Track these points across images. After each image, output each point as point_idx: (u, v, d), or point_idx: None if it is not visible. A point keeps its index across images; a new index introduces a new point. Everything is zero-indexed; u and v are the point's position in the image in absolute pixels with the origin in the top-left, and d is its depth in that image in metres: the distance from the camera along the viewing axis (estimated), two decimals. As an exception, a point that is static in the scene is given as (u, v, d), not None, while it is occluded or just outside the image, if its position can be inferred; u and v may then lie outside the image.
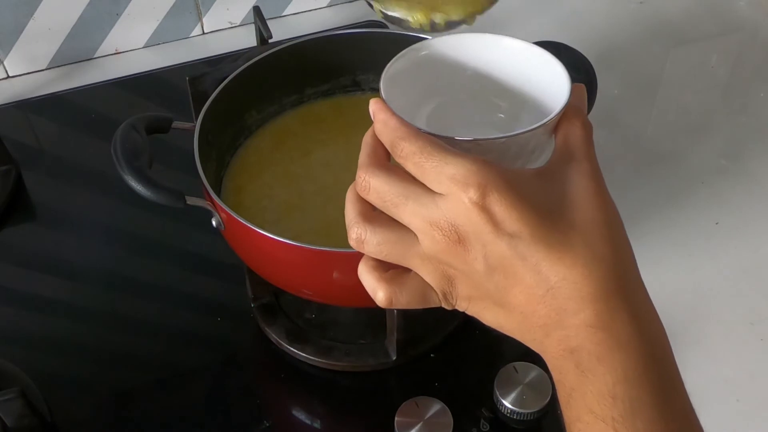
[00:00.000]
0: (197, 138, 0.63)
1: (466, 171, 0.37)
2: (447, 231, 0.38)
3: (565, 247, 0.37)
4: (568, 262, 0.37)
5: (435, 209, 0.38)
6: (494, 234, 0.37)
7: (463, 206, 0.37)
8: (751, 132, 0.90)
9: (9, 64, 0.95)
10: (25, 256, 0.78)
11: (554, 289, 0.38)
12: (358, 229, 0.41)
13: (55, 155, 0.88)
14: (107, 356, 0.70)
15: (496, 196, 0.37)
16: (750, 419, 0.66)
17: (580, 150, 0.41)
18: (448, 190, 0.37)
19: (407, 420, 0.61)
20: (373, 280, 0.41)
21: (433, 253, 0.39)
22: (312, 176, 0.71)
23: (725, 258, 0.77)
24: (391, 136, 0.40)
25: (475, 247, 0.38)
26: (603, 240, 0.38)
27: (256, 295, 0.70)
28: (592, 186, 0.39)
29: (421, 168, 0.38)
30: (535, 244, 0.37)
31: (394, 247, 0.40)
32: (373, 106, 0.41)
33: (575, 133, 0.41)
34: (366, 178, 0.40)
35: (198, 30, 1.01)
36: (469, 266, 0.38)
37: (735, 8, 1.06)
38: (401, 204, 0.39)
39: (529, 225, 0.37)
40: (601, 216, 0.39)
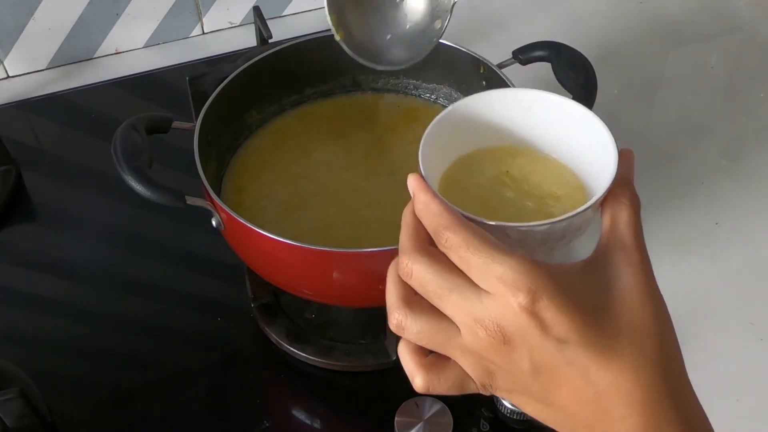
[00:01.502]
0: (197, 138, 0.63)
1: (514, 273, 0.36)
2: (492, 330, 0.37)
3: (614, 352, 0.37)
4: (616, 368, 0.37)
5: (480, 306, 0.37)
6: (542, 338, 0.36)
7: (510, 309, 0.36)
8: (751, 132, 0.90)
9: (9, 64, 0.95)
10: (25, 256, 0.78)
11: (601, 393, 0.37)
12: (399, 315, 0.39)
13: (55, 155, 0.88)
14: (107, 356, 0.70)
15: (545, 301, 0.36)
16: (750, 419, 0.66)
17: (628, 236, 0.40)
18: (496, 290, 0.36)
19: (407, 420, 0.61)
20: (412, 364, 0.41)
21: (475, 349, 0.38)
22: (312, 176, 0.71)
23: (725, 258, 0.77)
24: (434, 223, 0.39)
25: (521, 349, 0.37)
26: (652, 343, 0.38)
27: (256, 295, 0.70)
28: (642, 281, 0.39)
29: (466, 262, 0.37)
30: (583, 349, 0.36)
31: (435, 337, 0.39)
32: (412, 183, 0.40)
33: (623, 214, 0.40)
34: (408, 264, 0.39)
35: (198, 30, 1.01)
36: (513, 365, 0.38)
37: (735, 8, 1.06)
38: (444, 296, 0.38)
39: (578, 330, 0.36)
40: (649, 316, 0.38)
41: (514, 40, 0.72)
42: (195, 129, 0.64)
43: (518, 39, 0.72)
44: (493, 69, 0.69)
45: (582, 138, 0.44)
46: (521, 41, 0.71)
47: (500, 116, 0.46)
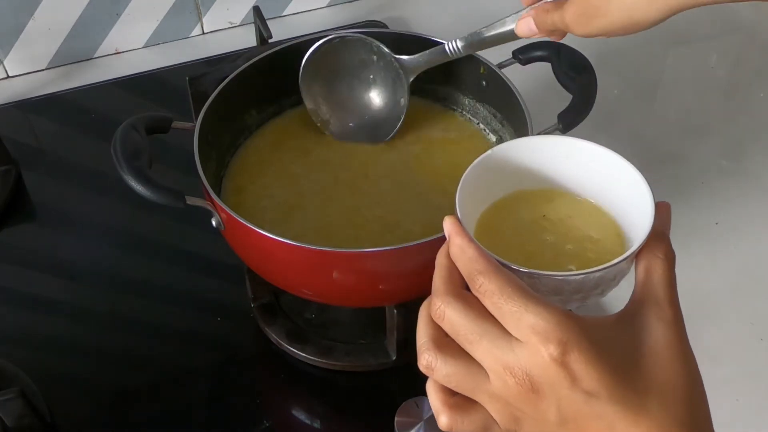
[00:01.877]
0: (197, 138, 0.63)
1: (546, 324, 0.36)
2: (521, 378, 0.37)
3: (642, 409, 0.37)
4: (644, 426, 0.37)
5: (511, 354, 0.37)
6: (571, 390, 0.36)
7: (541, 359, 0.36)
8: (751, 132, 0.90)
9: (9, 64, 0.95)
10: (25, 256, 0.78)
11: None
12: (429, 357, 0.40)
13: (55, 155, 0.88)
14: (107, 356, 0.70)
15: (576, 354, 0.36)
16: (750, 419, 0.66)
17: (662, 291, 0.40)
18: (527, 339, 0.37)
19: (407, 420, 0.61)
20: (438, 402, 0.41)
21: (503, 395, 0.38)
22: (312, 176, 0.71)
23: (725, 258, 0.77)
24: (469, 267, 0.39)
25: (549, 398, 0.37)
26: (681, 402, 0.38)
27: (256, 295, 0.70)
28: (674, 338, 0.39)
29: (499, 309, 0.38)
30: (611, 404, 0.37)
31: (464, 380, 0.39)
32: (448, 226, 0.41)
33: (657, 267, 0.40)
34: (441, 306, 0.39)
35: (198, 30, 1.01)
36: (540, 414, 0.38)
37: (735, 8, 1.06)
38: (476, 341, 0.38)
39: (607, 385, 0.36)
40: (680, 374, 0.38)
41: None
42: (195, 129, 0.64)
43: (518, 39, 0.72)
44: (493, 69, 0.69)
45: (619, 187, 0.44)
46: (521, 41, 0.71)
47: (538, 162, 0.46)
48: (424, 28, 1.00)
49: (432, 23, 1.01)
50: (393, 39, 0.72)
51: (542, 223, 0.46)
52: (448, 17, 1.03)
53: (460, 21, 1.02)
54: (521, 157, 0.46)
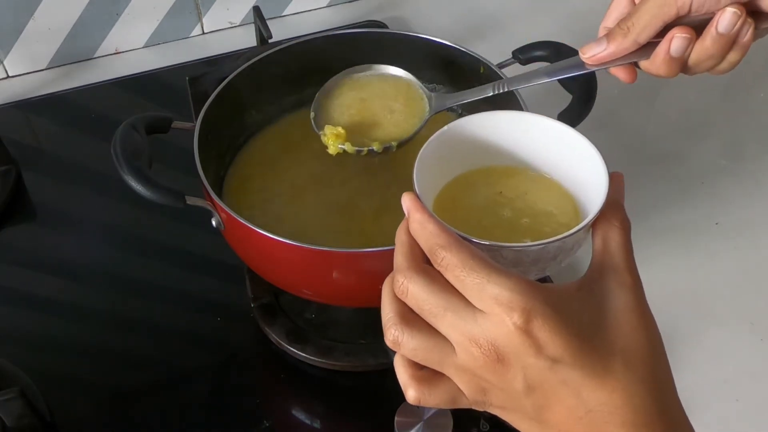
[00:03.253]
0: (197, 138, 0.63)
1: (509, 294, 0.36)
2: (486, 349, 0.37)
3: (606, 372, 0.37)
4: (608, 388, 0.37)
5: (475, 326, 0.38)
6: (536, 357, 0.37)
7: (505, 328, 0.37)
8: (751, 132, 0.90)
9: (9, 64, 0.95)
10: (25, 256, 0.78)
11: (593, 412, 0.38)
12: (395, 331, 0.40)
13: (55, 155, 0.88)
14: (107, 356, 0.70)
15: (539, 321, 0.36)
16: (750, 419, 0.66)
17: (619, 258, 0.40)
18: (491, 310, 0.37)
19: (407, 420, 0.61)
20: (406, 376, 0.41)
21: (469, 367, 0.39)
22: (312, 176, 0.71)
23: (725, 258, 0.77)
24: (430, 242, 0.39)
25: (514, 367, 0.38)
26: (643, 363, 0.38)
27: (256, 295, 0.70)
28: (634, 303, 0.39)
29: (462, 282, 0.38)
30: (576, 369, 0.37)
31: (430, 354, 0.40)
32: (406, 202, 0.41)
33: (614, 235, 0.41)
34: (404, 282, 0.39)
35: (198, 30, 1.01)
36: (506, 384, 0.38)
37: (735, 8, 1.06)
38: (440, 315, 0.38)
39: (571, 350, 0.37)
40: (641, 337, 0.39)
41: (514, 40, 0.72)
42: (195, 129, 0.64)
43: (518, 39, 0.72)
44: (493, 69, 0.69)
45: (574, 160, 0.45)
46: (521, 41, 0.71)
47: (495, 137, 0.47)
48: (424, 28, 1.00)
49: (432, 23, 1.01)
50: (393, 39, 0.73)
51: (499, 199, 0.46)
52: (448, 17, 1.03)
53: (460, 21, 1.02)
54: (478, 133, 0.46)
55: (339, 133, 0.62)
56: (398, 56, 0.70)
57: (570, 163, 0.45)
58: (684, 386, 0.65)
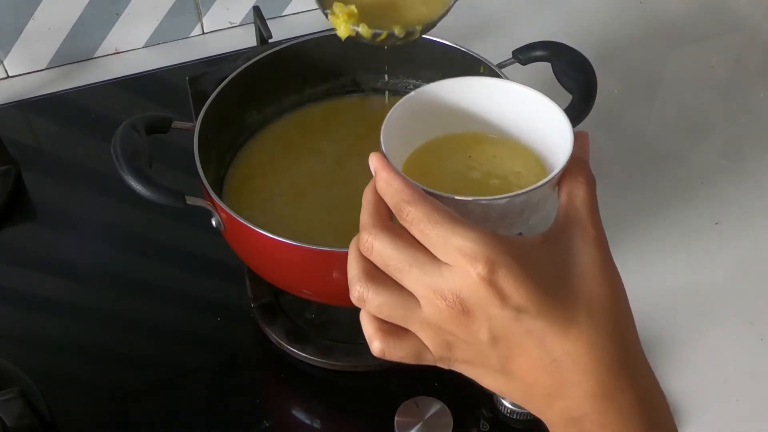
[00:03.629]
0: (197, 138, 0.63)
1: (473, 245, 0.37)
2: (451, 301, 0.38)
3: (570, 322, 0.38)
4: (572, 337, 0.38)
5: (440, 279, 0.38)
6: (500, 308, 0.37)
7: (470, 279, 0.37)
8: (751, 132, 0.90)
9: (9, 64, 0.95)
10: (25, 256, 0.78)
11: (558, 361, 0.38)
12: (360, 288, 0.40)
13: (55, 155, 0.88)
14: (107, 356, 0.70)
15: (504, 271, 0.36)
16: (750, 419, 0.66)
17: (584, 212, 0.41)
18: (455, 262, 0.37)
19: (407, 420, 0.61)
20: (371, 328, 0.41)
21: (435, 321, 0.39)
22: (312, 176, 0.71)
23: (725, 258, 0.77)
24: (395, 198, 0.39)
25: (479, 319, 0.38)
26: (606, 313, 0.39)
27: (256, 295, 0.70)
28: (597, 255, 0.40)
29: (426, 236, 0.38)
30: (540, 318, 0.37)
31: (395, 310, 0.40)
32: (374, 161, 0.41)
33: (579, 191, 0.41)
34: (369, 239, 0.40)
35: (198, 30, 1.01)
36: (472, 336, 0.39)
37: (735, 8, 1.06)
38: (405, 270, 0.39)
39: (535, 300, 0.37)
40: (605, 288, 0.39)
41: (514, 40, 0.72)
42: (195, 129, 0.64)
43: (518, 39, 0.72)
44: (493, 69, 0.69)
45: (541, 122, 0.45)
46: (521, 41, 0.71)
47: (462, 103, 0.47)
48: (424, 28, 1.00)
49: (432, 23, 1.01)
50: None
51: (468, 162, 0.47)
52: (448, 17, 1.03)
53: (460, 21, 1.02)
54: (446, 98, 0.47)
55: (351, 11, 0.52)
56: (398, 56, 0.70)
57: (537, 126, 0.46)
58: (684, 386, 0.65)
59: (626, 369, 0.39)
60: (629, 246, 0.76)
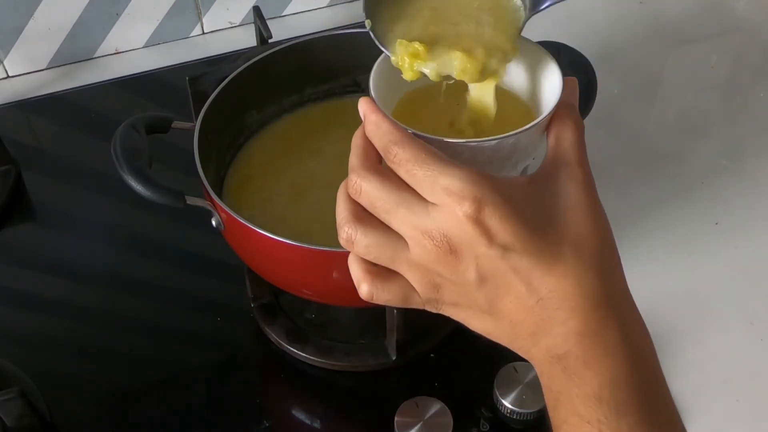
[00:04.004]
0: (197, 138, 0.63)
1: (460, 183, 0.37)
2: (439, 241, 0.38)
3: (556, 259, 0.38)
4: (558, 274, 0.38)
5: (427, 219, 0.38)
6: (487, 246, 0.37)
7: (456, 218, 0.37)
8: (751, 132, 0.90)
9: (9, 64, 0.95)
10: (25, 256, 0.78)
11: (544, 299, 0.38)
12: (349, 229, 0.40)
13: (55, 155, 0.88)
14: (107, 356, 0.70)
15: (490, 209, 0.37)
16: (750, 419, 0.66)
17: (572, 154, 0.41)
18: (442, 202, 0.37)
19: (407, 420, 0.61)
20: (359, 271, 0.42)
21: (422, 261, 0.39)
22: (312, 176, 0.71)
23: (725, 258, 0.77)
24: (384, 140, 0.40)
25: (466, 258, 0.38)
26: (592, 251, 0.39)
27: (256, 295, 0.70)
28: (584, 195, 0.40)
29: (414, 176, 0.38)
30: (527, 256, 0.38)
31: (383, 251, 0.40)
32: (363, 105, 0.41)
33: (567, 133, 0.41)
34: (357, 181, 0.40)
35: (198, 30, 1.01)
36: (459, 276, 0.39)
37: (735, 8, 1.06)
38: (392, 210, 0.39)
39: (522, 238, 0.37)
40: (591, 227, 0.39)
41: (514, 40, 0.72)
42: (195, 129, 0.64)
43: (518, 39, 0.72)
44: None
45: (531, 70, 0.46)
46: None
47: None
48: (424, 28, 1.00)
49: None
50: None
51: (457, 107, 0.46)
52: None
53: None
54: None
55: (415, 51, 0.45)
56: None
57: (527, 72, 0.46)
58: (684, 386, 0.65)
59: (611, 306, 0.39)
60: (629, 246, 0.75)
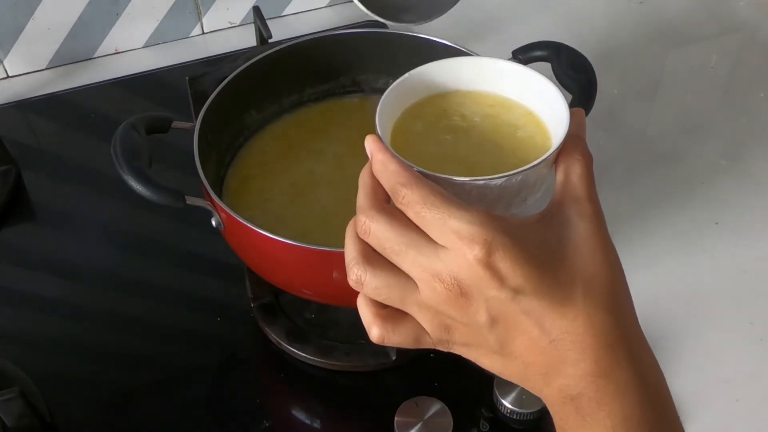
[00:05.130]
0: (197, 138, 0.63)
1: (470, 227, 0.36)
2: (449, 284, 0.38)
3: (568, 301, 0.38)
4: (570, 316, 0.38)
5: (437, 261, 0.38)
6: (498, 289, 0.37)
7: (466, 262, 0.37)
8: (751, 132, 0.90)
9: (9, 64, 0.95)
10: (25, 256, 0.78)
11: (556, 341, 0.38)
12: (358, 271, 0.40)
13: (55, 155, 0.88)
14: (107, 356, 0.70)
15: (501, 253, 0.36)
16: (750, 419, 0.66)
17: (581, 188, 0.40)
18: (452, 245, 0.37)
19: (407, 420, 0.61)
20: (369, 314, 0.41)
21: (432, 303, 0.39)
22: (312, 176, 0.71)
23: (725, 258, 0.77)
24: (392, 181, 0.39)
25: (477, 301, 0.38)
26: (603, 290, 0.39)
27: (256, 295, 0.70)
28: (594, 231, 0.39)
29: (423, 219, 0.38)
30: (538, 299, 0.37)
31: (393, 292, 0.40)
32: (370, 144, 0.41)
33: (576, 167, 0.41)
34: (366, 221, 0.40)
35: (198, 30, 1.01)
36: (470, 318, 0.38)
37: (735, 8, 1.06)
38: (402, 252, 0.39)
39: (533, 280, 0.37)
40: (602, 264, 0.39)
41: (514, 40, 0.72)
42: (195, 129, 0.64)
43: (518, 39, 0.72)
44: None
45: (534, 100, 0.45)
46: (521, 41, 0.71)
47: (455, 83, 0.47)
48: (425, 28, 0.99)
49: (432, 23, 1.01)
50: (393, 39, 0.72)
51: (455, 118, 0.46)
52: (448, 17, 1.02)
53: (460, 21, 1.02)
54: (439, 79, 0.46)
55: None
56: (398, 56, 0.70)
57: (531, 104, 0.46)
58: (684, 386, 0.65)
59: (624, 346, 0.39)
60: (629, 246, 0.75)
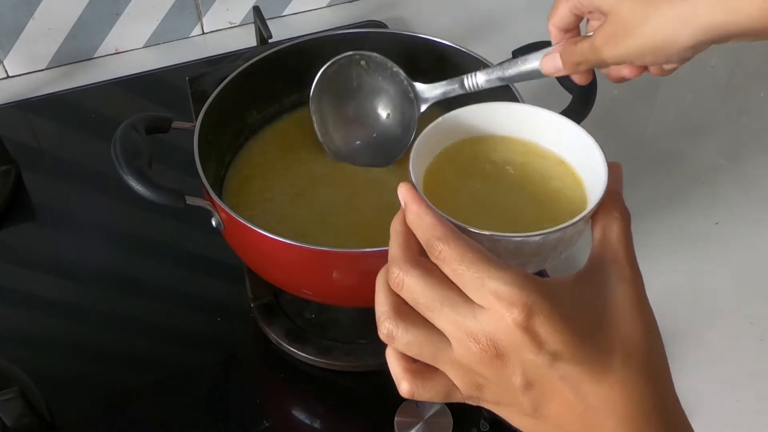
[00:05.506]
0: (197, 138, 0.63)
1: (509, 288, 0.36)
2: (485, 344, 0.37)
3: (606, 369, 0.37)
4: (607, 384, 0.37)
5: (473, 321, 0.37)
6: (535, 354, 0.36)
7: (504, 324, 0.36)
8: (751, 132, 0.90)
9: (9, 64, 0.95)
10: (25, 256, 0.78)
11: (592, 408, 0.37)
12: (389, 325, 0.39)
13: (55, 155, 0.88)
14: (107, 356, 0.70)
15: (540, 318, 0.36)
16: (750, 419, 0.66)
17: (620, 249, 0.40)
18: (490, 305, 0.36)
19: (407, 420, 0.61)
20: (399, 369, 0.41)
21: (465, 362, 0.38)
22: (312, 176, 0.71)
23: (725, 258, 0.77)
24: (427, 234, 0.38)
25: (513, 363, 0.37)
26: (641, 357, 0.38)
27: (256, 295, 0.70)
28: (633, 296, 0.39)
29: (460, 277, 0.37)
30: (575, 365, 0.37)
31: (425, 349, 0.39)
32: (404, 193, 0.40)
33: (614, 226, 0.40)
34: (399, 274, 0.39)
35: (198, 30, 1.01)
36: (504, 379, 0.38)
37: (735, 8, 1.06)
38: (436, 309, 0.38)
39: (571, 346, 0.36)
40: (640, 330, 0.38)
41: (514, 40, 0.72)
42: (195, 129, 0.64)
43: (518, 39, 0.72)
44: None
45: (573, 152, 0.45)
46: (521, 41, 0.71)
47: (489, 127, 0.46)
48: (424, 28, 1.00)
49: (432, 23, 1.01)
50: (393, 39, 0.72)
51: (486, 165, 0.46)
52: (448, 17, 1.03)
53: (460, 21, 1.02)
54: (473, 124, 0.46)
55: None
56: (398, 56, 0.70)
57: (567, 156, 0.45)
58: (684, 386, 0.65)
59: (660, 413, 0.38)
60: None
